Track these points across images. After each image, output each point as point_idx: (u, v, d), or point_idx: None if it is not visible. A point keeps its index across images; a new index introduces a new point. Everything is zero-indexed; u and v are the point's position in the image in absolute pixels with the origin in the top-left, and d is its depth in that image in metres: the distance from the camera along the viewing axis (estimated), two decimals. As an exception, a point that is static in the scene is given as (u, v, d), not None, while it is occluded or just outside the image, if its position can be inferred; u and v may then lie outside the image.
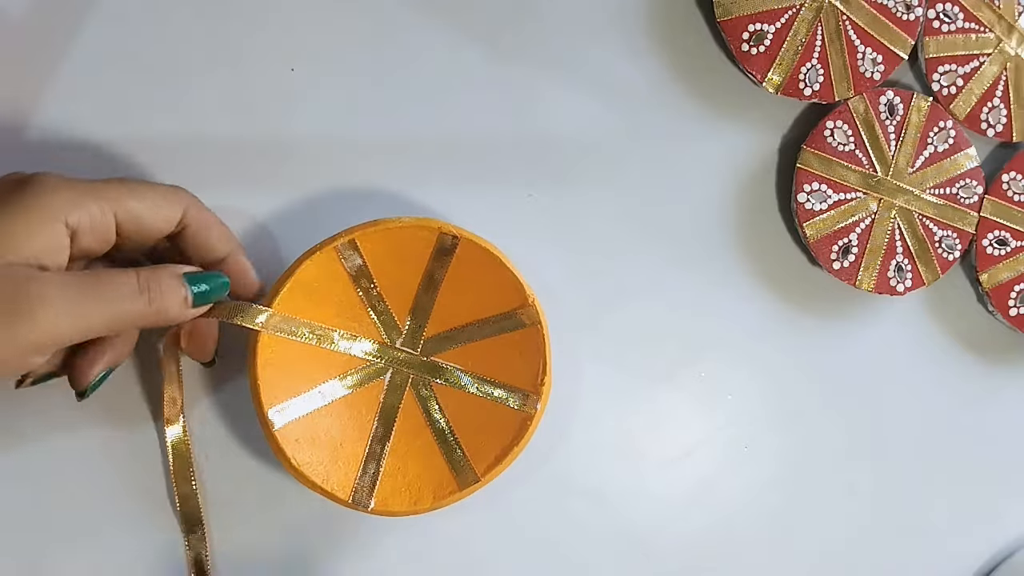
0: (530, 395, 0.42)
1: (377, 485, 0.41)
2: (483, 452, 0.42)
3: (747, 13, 0.45)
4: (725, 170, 0.48)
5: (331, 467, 0.41)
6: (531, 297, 0.41)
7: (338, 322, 0.41)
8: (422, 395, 0.43)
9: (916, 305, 0.50)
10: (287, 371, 0.40)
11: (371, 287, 0.42)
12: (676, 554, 0.48)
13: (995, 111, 0.48)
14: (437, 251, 0.41)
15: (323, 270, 0.40)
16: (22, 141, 0.42)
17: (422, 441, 0.42)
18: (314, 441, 0.41)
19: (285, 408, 0.40)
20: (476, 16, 0.45)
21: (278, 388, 0.40)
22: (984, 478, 0.51)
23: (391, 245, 0.41)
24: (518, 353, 0.42)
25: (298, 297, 0.40)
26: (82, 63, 0.43)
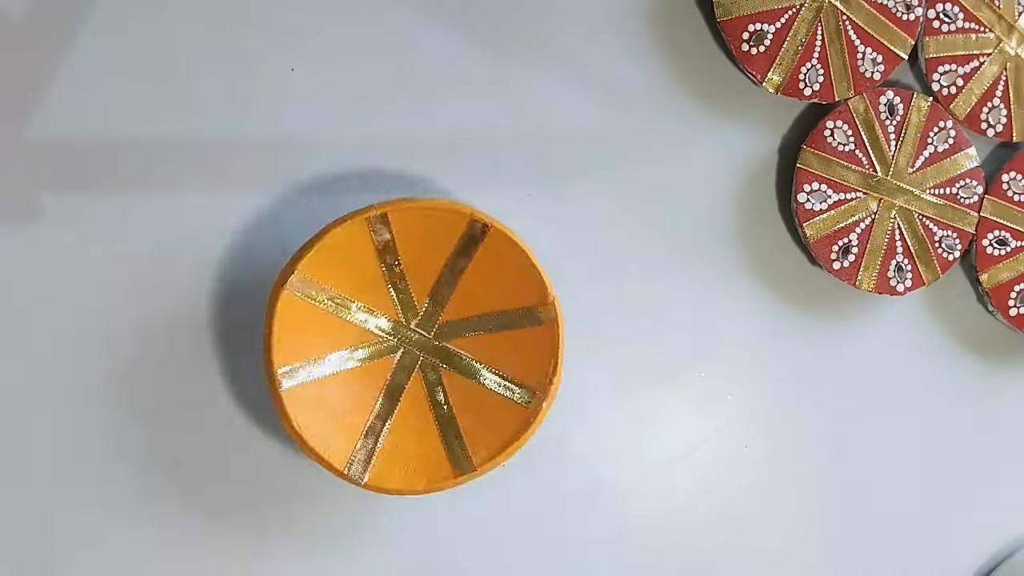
0: (537, 393, 0.42)
1: (373, 460, 0.41)
2: (483, 443, 0.42)
3: (747, 13, 0.45)
4: (725, 170, 0.48)
5: (331, 436, 0.41)
6: (552, 296, 0.41)
7: (357, 294, 0.42)
8: (430, 378, 0.43)
9: (916, 305, 0.50)
10: (301, 335, 0.40)
11: (395, 264, 0.42)
12: (676, 553, 0.48)
13: (995, 111, 0.48)
14: (465, 238, 0.41)
15: (351, 239, 0.40)
16: (22, 141, 0.42)
17: (423, 424, 0.42)
18: (318, 407, 0.40)
19: (294, 371, 0.40)
20: (476, 16, 0.45)
21: (290, 351, 0.40)
22: (984, 477, 0.51)
23: (421, 225, 0.41)
24: (531, 350, 0.42)
25: (323, 262, 0.40)
26: (82, 63, 0.43)
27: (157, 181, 0.44)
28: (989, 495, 0.51)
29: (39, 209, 0.43)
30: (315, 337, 0.41)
